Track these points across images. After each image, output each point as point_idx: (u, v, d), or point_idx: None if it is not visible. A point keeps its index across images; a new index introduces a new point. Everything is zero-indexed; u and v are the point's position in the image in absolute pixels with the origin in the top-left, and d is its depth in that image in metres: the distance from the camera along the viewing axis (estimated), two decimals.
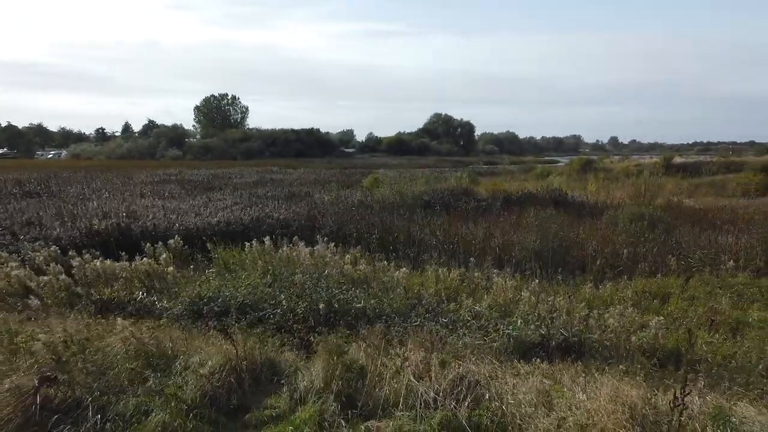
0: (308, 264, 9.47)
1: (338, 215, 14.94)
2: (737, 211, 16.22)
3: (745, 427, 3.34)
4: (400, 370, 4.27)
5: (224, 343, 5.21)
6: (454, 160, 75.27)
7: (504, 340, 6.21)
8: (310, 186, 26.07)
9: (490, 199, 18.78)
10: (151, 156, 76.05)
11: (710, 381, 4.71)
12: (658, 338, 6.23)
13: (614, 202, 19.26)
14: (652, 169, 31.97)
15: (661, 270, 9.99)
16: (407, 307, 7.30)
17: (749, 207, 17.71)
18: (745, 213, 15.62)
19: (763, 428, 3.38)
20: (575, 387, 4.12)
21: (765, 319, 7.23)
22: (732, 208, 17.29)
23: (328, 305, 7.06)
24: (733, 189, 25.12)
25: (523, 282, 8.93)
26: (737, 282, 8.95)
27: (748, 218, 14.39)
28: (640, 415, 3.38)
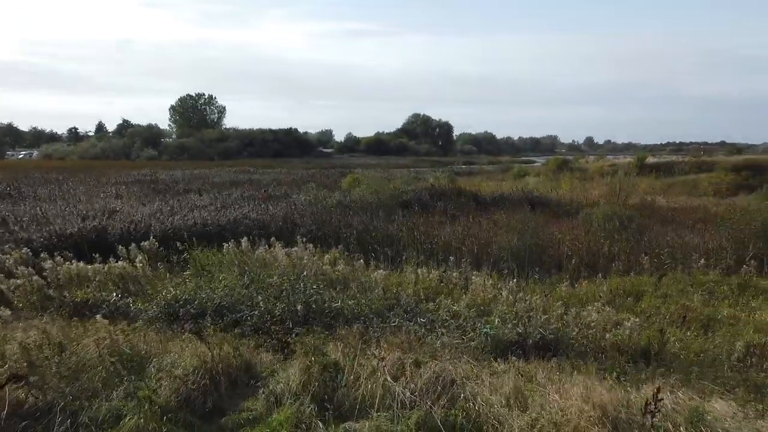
0: (286, 265, 9.41)
1: (317, 216, 14.89)
2: (709, 211, 16.60)
3: (718, 424, 3.41)
4: (376, 371, 4.26)
5: (200, 345, 5.15)
6: (433, 160, 75.48)
7: (481, 339, 6.24)
8: (288, 186, 25.91)
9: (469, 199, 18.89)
10: (126, 156, 74.67)
11: (682, 377, 4.81)
12: (632, 336, 6.34)
13: (589, 201, 19.53)
14: (626, 169, 32.47)
15: (635, 268, 10.16)
16: (385, 308, 7.29)
17: (720, 206, 18.12)
18: (716, 212, 15.98)
19: (733, 424, 3.46)
20: (550, 385, 4.17)
21: (735, 315, 7.42)
22: (704, 207, 17.68)
23: (306, 306, 7.02)
24: (704, 188, 25.70)
25: (500, 281, 9.00)
26: (708, 280, 9.16)
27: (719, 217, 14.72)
28: (612, 415, 3.43)
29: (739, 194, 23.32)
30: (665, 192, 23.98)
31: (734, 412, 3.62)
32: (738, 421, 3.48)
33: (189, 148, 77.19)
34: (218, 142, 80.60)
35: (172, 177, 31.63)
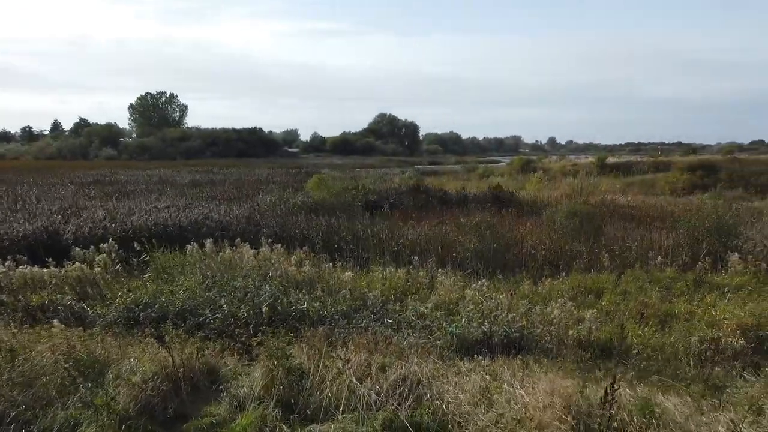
0: (251, 266, 9.29)
1: (282, 216, 14.74)
2: (666, 209, 17.12)
3: (668, 416, 3.51)
4: (342, 372, 4.23)
5: (161, 350, 5.01)
6: (399, 160, 75.77)
7: (448, 338, 6.29)
8: (253, 186, 25.58)
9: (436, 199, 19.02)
10: (84, 156, 72.45)
11: (639, 372, 4.94)
12: (592, 331, 6.49)
13: (552, 200, 19.91)
14: (587, 168, 33.31)
15: (596, 266, 10.39)
16: (352, 309, 7.27)
17: (676, 205, 18.72)
18: (673, 210, 16.50)
19: (684, 416, 3.57)
20: (514, 382, 4.22)
21: (691, 311, 7.65)
22: (661, 206, 18.22)
23: (272, 308, 6.94)
24: (661, 187, 26.51)
25: (465, 280, 9.08)
26: (665, 276, 9.42)
27: (676, 215, 15.19)
28: (574, 408, 3.50)
29: (694, 193, 24.13)
30: (625, 191, 24.62)
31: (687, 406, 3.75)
32: (689, 414, 3.59)
33: (150, 148, 75.51)
34: (180, 141, 79.08)
35: (131, 177, 30.85)
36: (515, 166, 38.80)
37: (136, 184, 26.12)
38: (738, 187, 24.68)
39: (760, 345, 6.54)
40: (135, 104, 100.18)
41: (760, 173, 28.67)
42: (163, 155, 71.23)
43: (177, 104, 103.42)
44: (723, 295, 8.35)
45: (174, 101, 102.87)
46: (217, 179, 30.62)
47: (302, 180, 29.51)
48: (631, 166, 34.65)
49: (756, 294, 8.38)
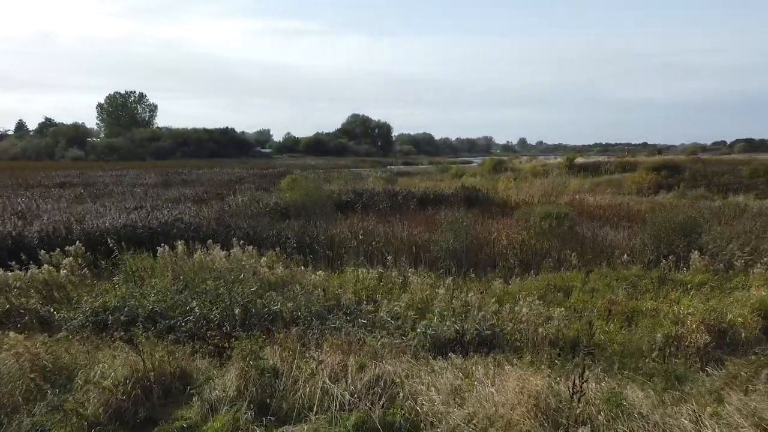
0: (223, 268, 9.20)
1: (254, 217, 14.63)
2: (632, 208, 17.55)
3: (634, 409, 3.63)
4: (315, 373, 4.25)
5: (131, 354, 4.95)
6: (373, 161, 75.94)
7: (421, 338, 6.35)
8: (225, 187, 25.30)
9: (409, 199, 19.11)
10: (50, 156, 70.46)
11: (606, 367, 5.08)
12: (561, 329, 6.63)
13: (523, 200, 20.21)
14: (557, 169, 33.90)
15: (565, 264, 10.60)
16: (326, 309, 7.27)
17: (642, 204, 19.20)
18: (639, 209, 16.93)
19: (649, 408, 3.69)
20: (486, 380, 4.30)
21: (656, 307, 7.87)
22: (627, 205, 18.67)
23: (244, 310, 6.90)
24: (628, 187, 27.14)
25: (438, 280, 9.17)
26: (631, 274, 9.67)
27: (642, 215, 15.59)
28: (543, 404, 3.59)
29: (659, 192, 24.79)
30: (593, 191, 25.15)
31: (652, 399, 3.88)
32: (654, 406, 3.72)
33: (119, 149, 73.93)
34: (150, 141, 77.67)
35: (99, 178, 30.19)
36: (487, 167, 39.24)
37: (104, 186, 25.57)
38: (701, 186, 25.45)
39: (722, 340, 6.79)
40: (103, 104, 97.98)
41: (722, 173, 29.65)
42: (133, 156, 69.86)
43: (146, 104, 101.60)
44: (686, 292, 8.61)
45: (143, 101, 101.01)
46: (189, 180, 30.18)
47: (275, 181, 29.30)
48: (599, 167, 35.42)
49: (717, 290, 8.66)
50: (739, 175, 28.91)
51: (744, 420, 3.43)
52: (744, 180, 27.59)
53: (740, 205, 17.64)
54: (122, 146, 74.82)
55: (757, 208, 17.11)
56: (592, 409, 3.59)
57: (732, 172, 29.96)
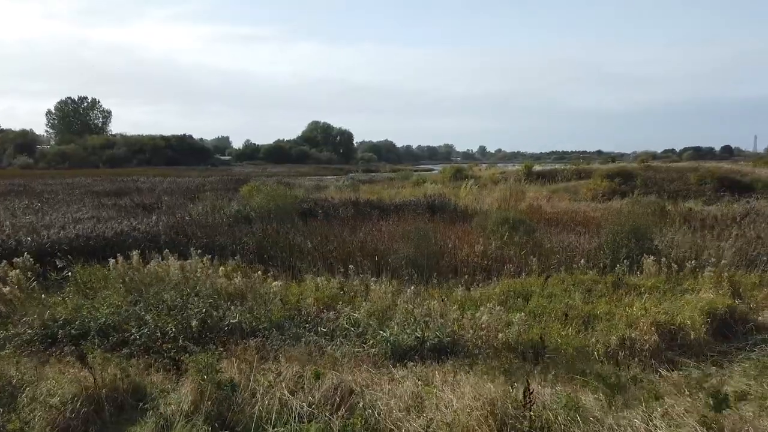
0: (180, 279, 8.98)
1: (213, 226, 14.35)
2: (588, 215, 18.02)
3: (588, 413, 3.71)
4: (273, 385, 4.17)
5: (81, 369, 4.75)
6: (334, 168, 75.90)
7: (382, 346, 6.34)
8: (183, 195, 24.75)
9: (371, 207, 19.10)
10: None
11: (562, 371, 5.18)
12: (520, 334, 6.73)
13: (483, 207, 20.48)
14: (515, 176, 34.53)
15: (524, 270, 10.77)
16: (285, 320, 7.18)
17: (597, 210, 19.74)
18: (594, 216, 17.40)
19: (604, 411, 3.78)
20: (445, 387, 4.31)
21: (611, 311, 8.08)
22: (583, 211, 19.17)
23: (201, 322, 6.75)
24: (584, 194, 27.88)
25: (400, 287, 9.18)
26: (587, 279, 9.90)
27: (597, 220, 16.02)
28: (500, 410, 3.62)
29: (613, 199, 25.53)
30: (550, 198, 25.73)
31: (606, 402, 3.97)
32: (607, 409, 3.81)
33: (70, 156, 71.56)
34: (104, 149, 75.47)
35: (49, 186, 29.09)
36: (448, 174, 39.63)
37: (54, 194, 24.62)
38: (652, 192, 26.35)
39: (673, 341, 7.02)
40: (54, 110, 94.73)
41: (672, 180, 30.82)
42: (85, 164, 67.76)
43: (100, 110, 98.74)
44: (640, 296, 8.87)
45: (96, 107, 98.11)
46: (145, 188, 29.41)
47: (235, 188, 28.83)
48: (556, 174, 36.28)
49: (669, 293, 8.96)
50: (687, 181, 30.11)
51: (691, 419, 3.55)
52: (692, 186, 28.76)
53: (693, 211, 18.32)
54: (74, 154, 72.46)
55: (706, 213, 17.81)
56: (549, 414, 3.65)
57: (681, 179, 31.17)
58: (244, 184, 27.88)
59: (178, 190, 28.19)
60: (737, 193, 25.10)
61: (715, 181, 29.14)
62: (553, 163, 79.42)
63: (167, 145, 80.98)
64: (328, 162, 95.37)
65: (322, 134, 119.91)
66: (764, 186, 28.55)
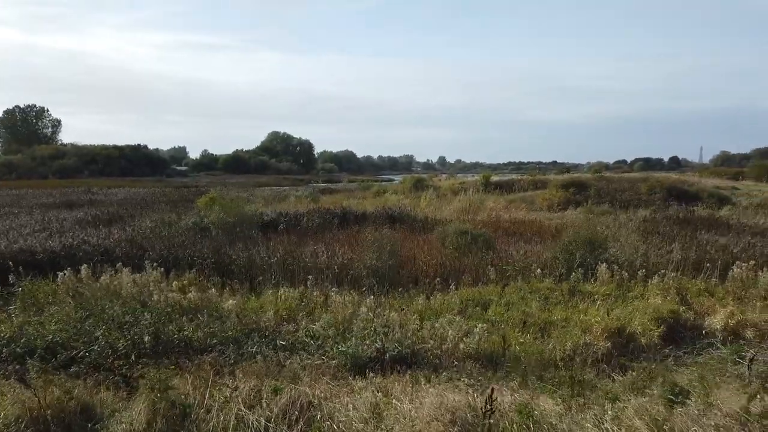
0: (134, 293, 8.73)
1: (169, 238, 14.00)
2: (543, 224, 18.44)
3: (544, 418, 3.79)
4: (229, 401, 4.08)
5: (25, 390, 4.53)
6: (294, 178, 75.41)
7: (342, 357, 6.30)
8: (137, 207, 24.07)
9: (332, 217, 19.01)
10: None
11: (520, 378, 5.27)
12: (480, 343, 6.81)
13: (443, 217, 20.69)
14: (474, 186, 35.08)
15: (483, 279, 10.92)
16: (243, 333, 7.06)
17: (553, 219, 20.24)
18: (550, 225, 17.82)
19: (558, 416, 3.87)
20: (404, 398, 4.32)
21: (566, 318, 8.29)
22: (539, 221, 19.61)
23: (155, 337, 6.56)
24: (540, 204, 28.55)
25: (361, 298, 9.17)
26: (544, 287, 10.12)
27: (552, 230, 16.42)
28: (460, 419, 3.66)
29: (568, 209, 26.23)
30: (507, 207, 26.22)
31: (561, 407, 4.06)
32: (562, 414, 3.90)
33: (18, 166, 68.59)
34: (53, 159, 72.74)
35: None
36: (408, 185, 39.88)
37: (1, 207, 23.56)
38: (605, 202, 27.20)
39: (625, 347, 7.25)
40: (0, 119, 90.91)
41: (623, 190, 31.90)
42: (34, 174, 65.11)
43: (49, 119, 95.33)
44: (593, 303, 9.13)
45: (45, 116, 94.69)
46: (97, 200, 28.49)
47: (192, 199, 28.25)
48: (513, 184, 37.05)
49: (621, 300, 9.26)
50: (638, 191, 31.24)
51: (641, 421, 3.67)
52: (643, 196, 29.85)
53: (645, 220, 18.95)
54: (22, 164, 69.58)
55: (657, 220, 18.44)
56: (506, 422, 3.70)
57: (632, 188, 32.32)
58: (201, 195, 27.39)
59: (133, 202, 27.43)
60: (684, 202, 26.14)
61: (664, 190, 30.35)
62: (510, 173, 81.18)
63: (121, 155, 78.72)
64: (288, 172, 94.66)
65: (282, 144, 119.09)
66: (709, 195, 29.93)
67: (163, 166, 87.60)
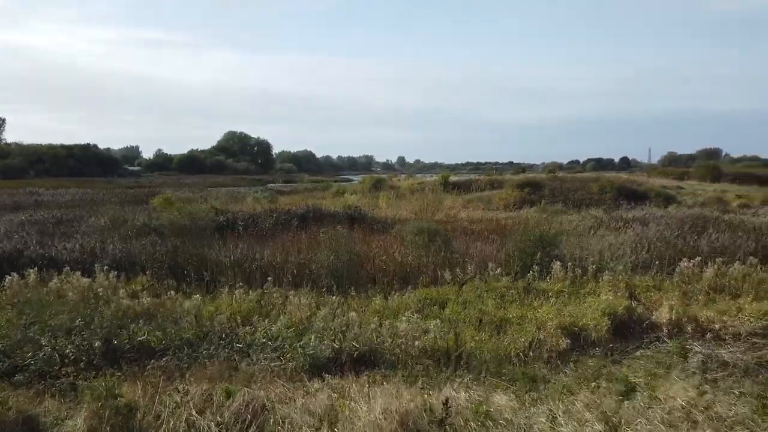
0: (84, 298, 8.42)
1: (122, 241, 13.55)
2: (500, 223, 18.76)
3: (499, 414, 3.86)
4: (180, 406, 3.98)
5: None
6: (252, 179, 74.33)
7: (299, 359, 6.25)
8: (87, 208, 23.23)
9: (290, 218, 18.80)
10: None
11: (476, 375, 5.35)
12: (437, 341, 6.87)
13: (402, 217, 20.78)
14: (432, 186, 35.41)
15: (441, 278, 11.02)
16: (198, 337, 6.91)
17: (509, 219, 20.61)
18: (506, 224, 18.14)
19: (513, 411, 3.95)
20: (360, 398, 4.31)
21: (522, 315, 8.45)
22: (496, 220, 19.94)
23: (106, 343, 6.34)
24: (497, 203, 29.07)
25: (319, 299, 9.12)
26: (500, 285, 10.28)
27: (509, 229, 16.71)
28: (414, 417, 3.68)
29: (523, 208, 26.79)
30: (465, 207, 26.57)
31: (515, 402, 4.15)
32: (516, 409, 3.99)
33: None
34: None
35: None
36: (367, 185, 39.93)
37: None
38: (559, 201, 27.92)
39: (577, 342, 7.45)
40: None
41: (576, 189, 32.84)
42: None
43: None
44: (548, 300, 9.34)
45: None
46: (44, 201, 27.36)
47: (146, 201, 27.48)
48: (471, 184, 37.60)
49: (574, 297, 9.51)
50: (590, 191, 32.21)
51: (591, 414, 3.79)
52: (594, 195, 30.80)
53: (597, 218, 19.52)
54: None
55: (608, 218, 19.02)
56: (460, 419, 3.75)
57: (584, 188, 33.29)
58: (154, 196, 26.65)
59: (82, 203, 26.47)
60: (633, 201, 27.09)
61: (615, 190, 31.39)
62: (468, 173, 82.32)
63: (69, 154, 75.79)
64: (246, 172, 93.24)
65: (240, 144, 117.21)
66: (657, 194, 31.15)
67: (114, 166, 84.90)
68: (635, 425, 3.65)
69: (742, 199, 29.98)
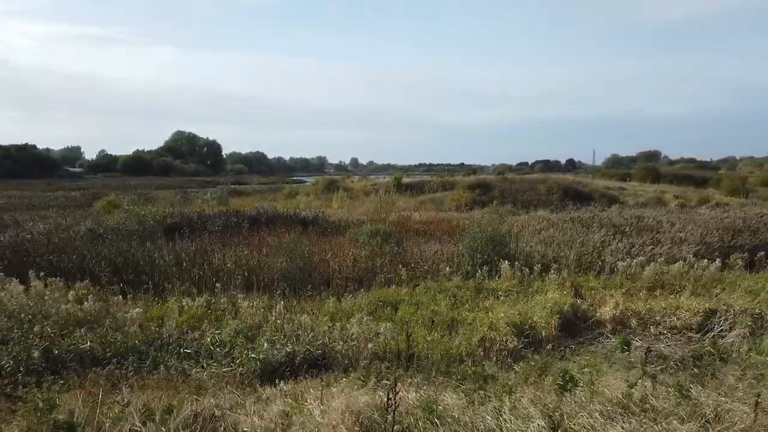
0: (22, 304, 8.03)
1: (60, 246, 12.97)
2: (452, 223, 19.03)
3: (448, 413, 3.93)
4: (122, 417, 3.84)
5: None
6: (202, 180, 72.63)
7: (251, 364, 6.16)
8: (22, 212, 22.13)
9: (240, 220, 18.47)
10: None
11: (426, 375, 5.42)
12: (388, 342, 6.92)
13: (355, 219, 20.78)
14: (385, 188, 35.59)
15: (395, 280, 11.09)
16: (145, 344, 6.71)
17: (461, 219, 20.94)
18: (458, 224, 18.42)
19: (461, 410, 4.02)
20: (314, 402, 4.29)
21: (473, 315, 8.61)
22: (448, 220, 20.21)
23: (45, 352, 6.07)
24: (449, 204, 29.49)
25: (271, 302, 9.02)
26: (452, 285, 10.43)
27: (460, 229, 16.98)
28: (366, 419, 3.70)
29: (474, 209, 27.28)
30: (418, 208, 26.84)
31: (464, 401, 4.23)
32: (464, 408, 4.07)
33: None
34: None
35: None
36: (320, 186, 39.75)
37: None
38: (508, 202, 28.58)
39: (527, 339, 7.65)
40: None
41: (525, 191, 33.74)
42: None
43: None
44: (498, 299, 9.55)
45: None
46: None
47: (88, 203, 26.42)
48: (424, 186, 38.01)
49: (522, 296, 9.75)
50: (538, 192, 33.16)
51: (536, 411, 3.91)
52: (542, 196, 31.73)
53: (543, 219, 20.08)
54: None
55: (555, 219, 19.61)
56: (410, 419, 3.80)
57: (532, 189, 34.26)
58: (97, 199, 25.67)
59: (19, 206, 25.20)
60: (579, 202, 28.00)
61: (561, 191, 32.42)
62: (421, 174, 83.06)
63: (5, 155, 71.96)
64: (195, 174, 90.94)
65: (188, 145, 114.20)
66: (601, 195, 32.37)
67: (54, 167, 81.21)
68: (577, 419, 3.79)
69: (679, 199, 31.55)
